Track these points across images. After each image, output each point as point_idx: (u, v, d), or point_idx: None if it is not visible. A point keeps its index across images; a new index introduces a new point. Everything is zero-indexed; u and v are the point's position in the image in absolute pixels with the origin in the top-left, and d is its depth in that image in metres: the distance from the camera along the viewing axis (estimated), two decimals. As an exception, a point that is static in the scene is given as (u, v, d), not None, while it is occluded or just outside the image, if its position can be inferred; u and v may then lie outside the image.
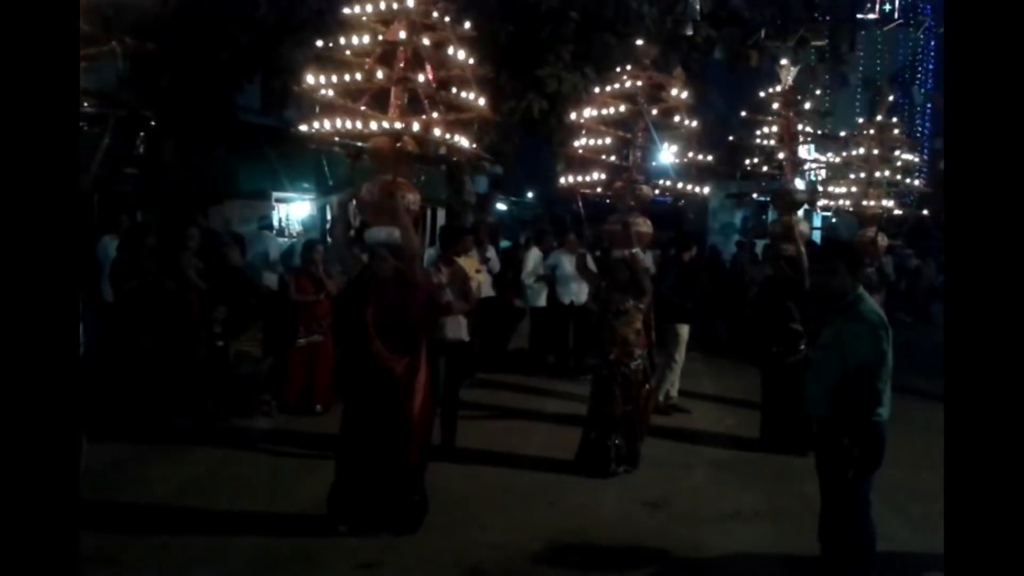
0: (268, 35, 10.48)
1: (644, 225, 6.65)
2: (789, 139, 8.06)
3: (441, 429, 6.36)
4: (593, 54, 12.16)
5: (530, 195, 25.69)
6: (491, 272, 9.72)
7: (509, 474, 6.10)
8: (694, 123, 6.92)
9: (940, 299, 16.38)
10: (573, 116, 7.10)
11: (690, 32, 12.00)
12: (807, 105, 8.20)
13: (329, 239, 9.36)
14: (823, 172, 9.91)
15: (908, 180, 9.69)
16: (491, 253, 10.10)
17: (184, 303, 7.35)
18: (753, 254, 15.80)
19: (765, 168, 8.58)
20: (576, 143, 7.13)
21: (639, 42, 7.23)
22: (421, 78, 5.11)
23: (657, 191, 7.10)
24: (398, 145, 4.98)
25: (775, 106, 8.10)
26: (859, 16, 19.20)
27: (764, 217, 28.03)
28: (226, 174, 11.69)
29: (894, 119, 9.90)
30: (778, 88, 8.18)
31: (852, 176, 9.26)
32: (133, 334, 7.02)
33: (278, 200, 12.65)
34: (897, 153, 9.38)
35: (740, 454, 6.90)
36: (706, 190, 7.05)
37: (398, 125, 4.88)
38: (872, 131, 9.29)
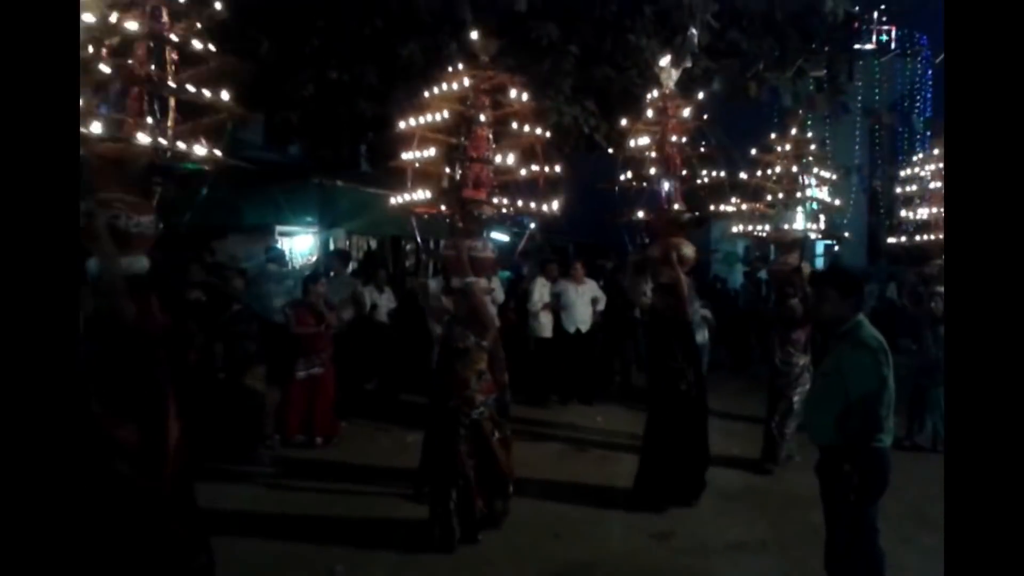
0: (270, 70, 10.64)
1: (483, 250, 5.82)
2: (669, 151, 6.91)
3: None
4: (593, 87, 12.29)
5: (532, 225, 25.78)
6: (494, 302, 9.73)
7: (514, 505, 6.01)
8: (538, 131, 6.04)
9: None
10: (402, 125, 6.03)
11: (689, 64, 12.10)
12: (685, 112, 6.92)
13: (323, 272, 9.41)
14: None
15: (830, 200, 8.68)
16: (495, 283, 10.12)
17: (183, 340, 7.34)
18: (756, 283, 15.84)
19: (643, 183, 7.20)
20: (405, 155, 6.02)
21: (474, 35, 6.05)
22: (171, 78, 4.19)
23: (504, 209, 6.04)
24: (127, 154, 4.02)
25: (649, 114, 7.00)
26: (856, 46, 19.38)
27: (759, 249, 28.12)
28: (229, 208, 11.76)
29: (809, 134, 8.82)
30: (655, 93, 7.06)
31: (769, 198, 8.37)
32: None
33: (281, 234, 12.72)
34: (817, 171, 8.45)
35: (748, 483, 6.83)
36: (555, 206, 6.00)
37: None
38: (788, 147, 8.32)
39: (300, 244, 13.24)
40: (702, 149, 7.07)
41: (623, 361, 11.26)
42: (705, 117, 7.06)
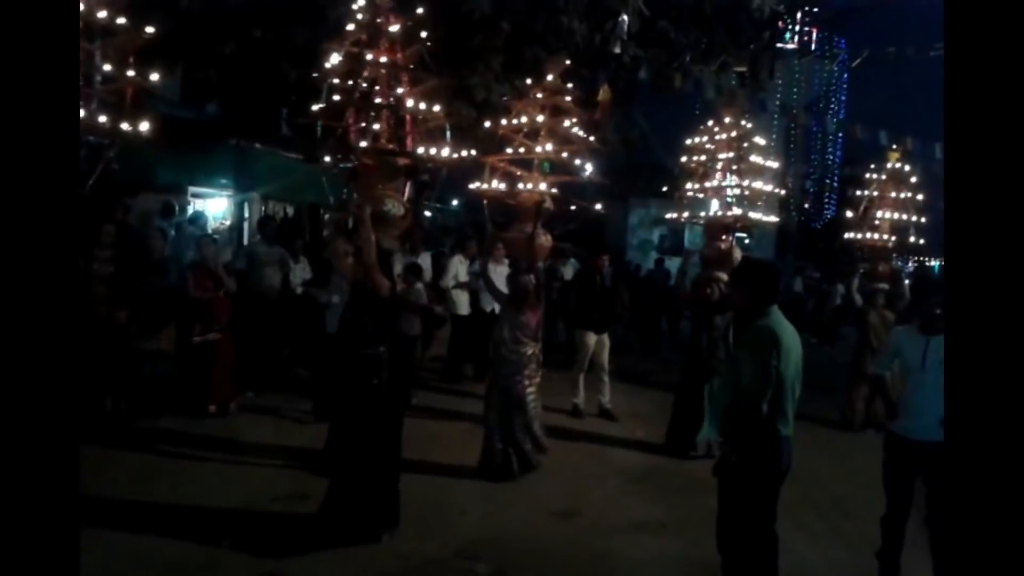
0: (191, 25, 10.23)
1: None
2: (376, 76, 5.52)
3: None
4: (523, 66, 12.28)
5: (455, 202, 25.66)
6: (424, 280, 9.68)
7: (421, 483, 5.99)
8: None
9: (847, 322, 17.06)
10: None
11: (618, 50, 12.21)
12: (394, 28, 5.56)
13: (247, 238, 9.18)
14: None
15: (579, 163, 7.08)
16: (426, 262, 10.04)
17: (90, 301, 7.05)
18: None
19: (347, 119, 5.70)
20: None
21: None
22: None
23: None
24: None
25: (368, 56, 5.44)
26: (779, 45, 19.89)
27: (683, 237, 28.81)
28: (139, 166, 11.30)
29: (570, 84, 7.18)
30: (362, 2, 5.62)
31: (509, 150, 7.11)
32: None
33: (194, 195, 12.31)
34: (568, 125, 7.00)
35: (650, 465, 7.02)
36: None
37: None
38: (541, 95, 6.97)
39: (214, 207, 12.85)
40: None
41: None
42: (424, 35, 5.71)
